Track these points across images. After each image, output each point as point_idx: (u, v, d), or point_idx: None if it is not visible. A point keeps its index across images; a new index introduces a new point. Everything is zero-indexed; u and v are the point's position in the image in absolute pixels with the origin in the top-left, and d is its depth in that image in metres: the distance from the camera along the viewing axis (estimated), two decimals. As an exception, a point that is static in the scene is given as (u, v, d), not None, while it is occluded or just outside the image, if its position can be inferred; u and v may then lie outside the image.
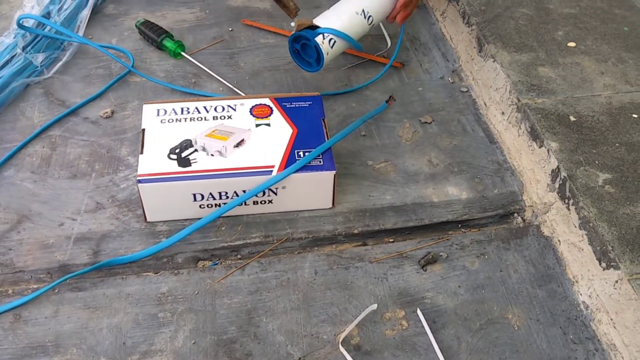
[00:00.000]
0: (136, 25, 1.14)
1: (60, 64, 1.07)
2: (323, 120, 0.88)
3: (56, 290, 0.76)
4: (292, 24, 0.99)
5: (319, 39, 0.93)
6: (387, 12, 1.01)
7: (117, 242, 0.81)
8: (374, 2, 0.99)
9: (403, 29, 1.12)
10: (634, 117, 0.92)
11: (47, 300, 0.75)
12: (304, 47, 0.96)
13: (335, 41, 0.94)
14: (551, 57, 1.02)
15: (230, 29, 1.18)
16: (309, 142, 0.84)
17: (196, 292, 0.77)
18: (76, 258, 0.79)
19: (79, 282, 0.77)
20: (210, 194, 0.81)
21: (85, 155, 0.93)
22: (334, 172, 0.82)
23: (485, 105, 1.04)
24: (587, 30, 1.07)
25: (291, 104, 0.90)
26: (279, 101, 0.90)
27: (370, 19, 0.99)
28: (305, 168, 0.81)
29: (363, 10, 0.97)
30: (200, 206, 0.83)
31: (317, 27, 0.94)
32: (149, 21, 1.14)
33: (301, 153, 0.83)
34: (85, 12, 1.16)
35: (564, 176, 0.83)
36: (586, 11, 1.12)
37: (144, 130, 0.85)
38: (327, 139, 0.85)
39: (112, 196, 0.87)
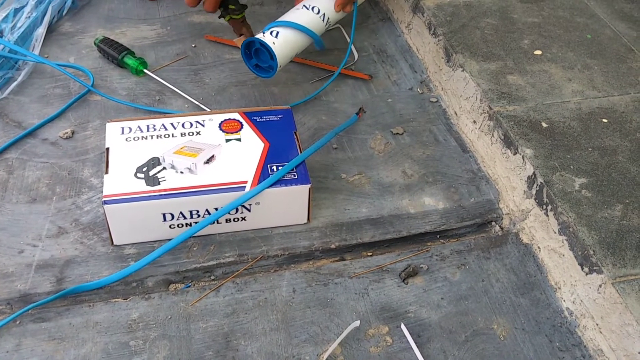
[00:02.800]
0: (95, 43, 1.10)
1: (15, 84, 1.02)
2: (295, 133, 0.86)
3: (18, 322, 0.71)
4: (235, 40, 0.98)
5: (259, 35, 0.92)
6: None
7: (82, 268, 0.77)
8: (324, 2, 0.99)
9: (353, 35, 1.10)
10: (604, 122, 0.92)
11: (8, 333, 0.70)
12: (257, 55, 0.94)
13: (278, 32, 0.93)
14: (519, 65, 1.02)
15: (193, 45, 1.15)
16: (282, 156, 0.82)
17: (169, 317, 0.73)
18: (38, 286, 0.74)
19: (42, 312, 0.72)
20: (181, 213, 0.77)
21: (45, 178, 0.88)
22: (309, 185, 0.79)
23: (456, 114, 1.03)
24: (552, 39, 1.08)
25: (261, 118, 0.87)
26: (248, 115, 0.87)
27: (316, 9, 0.98)
28: (279, 182, 0.78)
29: (311, 6, 0.98)
30: (170, 226, 0.79)
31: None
32: (109, 38, 1.10)
33: (274, 167, 0.80)
34: (41, 30, 1.12)
35: (541, 182, 0.82)
36: (549, 20, 1.13)
37: (108, 149, 0.81)
38: (300, 152, 0.83)
39: (75, 220, 0.82)
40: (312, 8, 0.98)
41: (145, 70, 1.06)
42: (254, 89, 1.06)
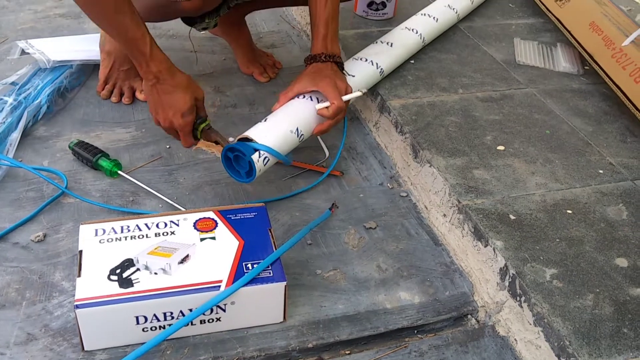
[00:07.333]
0: (70, 147, 1.12)
1: (-13, 188, 1.02)
2: (269, 230, 0.86)
3: None
4: (231, 139, 1.00)
5: (255, 156, 0.94)
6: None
7: (50, 377, 0.74)
8: (308, 121, 1.03)
9: (344, 140, 1.15)
10: (569, 213, 0.95)
11: None
12: (236, 158, 0.96)
13: (269, 159, 0.96)
14: (483, 160, 1.06)
15: (167, 146, 1.18)
16: (257, 254, 0.82)
17: None
18: (4, 398, 0.71)
19: None
20: (155, 315, 0.76)
21: (14, 283, 0.86)
22: (284, 283, 0.79)
23: (426, 208, 1.06)
24: (513, 135, 1.14)
25: (236, 216, 0.88)
26: (223, 214, 0.88)
27: (302, 136, 1.02)
28: (254, 281, 0.78)
29: (297, 129, 1.00)
30: (143, 329, 0.77)
31: (252, 140, 0.95)
32: (83, 141, 1.12)
33: (249, 265, 0.80)
34: (15, 135, 1.13)
35: (513, 273, 0.84)
36: (509, 117, 1.19)
37: (81, 251, 0.80)
38: (275, 249, 0.83)
39: (45, 325, 0.80)
40: (300, 136, 1.01)
41: (119, 172, 1.07)
42: (228, 187, 1.08)
